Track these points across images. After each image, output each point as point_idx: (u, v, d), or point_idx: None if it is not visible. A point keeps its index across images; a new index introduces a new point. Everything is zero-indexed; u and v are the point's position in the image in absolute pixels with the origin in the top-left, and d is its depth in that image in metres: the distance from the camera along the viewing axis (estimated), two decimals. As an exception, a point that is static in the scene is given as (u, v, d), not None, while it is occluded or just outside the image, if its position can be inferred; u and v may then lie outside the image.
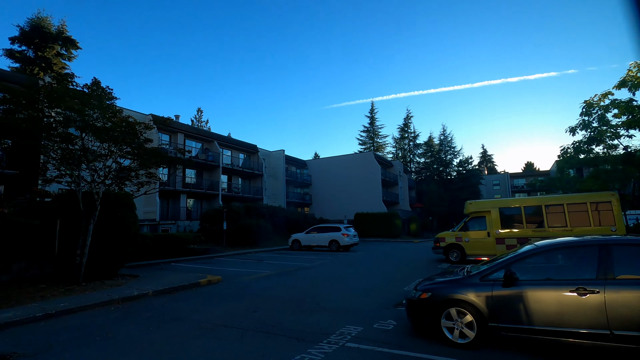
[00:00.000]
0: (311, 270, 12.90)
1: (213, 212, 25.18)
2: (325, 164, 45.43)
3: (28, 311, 6.66)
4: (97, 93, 10.00)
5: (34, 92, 9.43)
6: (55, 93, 8.70)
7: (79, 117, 8.89)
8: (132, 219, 9.87)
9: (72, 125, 8.92)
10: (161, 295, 8.58)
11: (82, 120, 8.83)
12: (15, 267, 8.77)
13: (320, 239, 21.16)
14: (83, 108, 8.64)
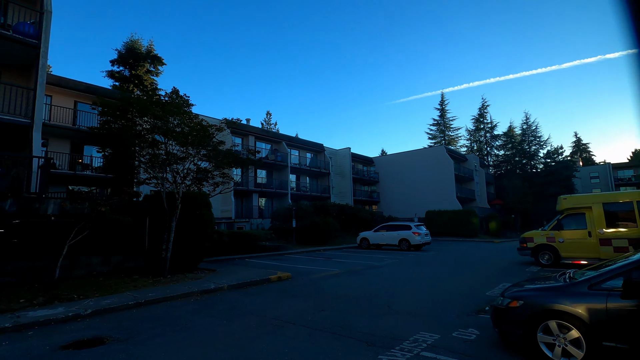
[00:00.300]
0: (381, 269, 12.44)
1: (283, 210, 26.03)
2: (393, 160, 44.09)
3: (123, 299, 7.41)
4: (177, 101, 10.87)
5: (126, 104, 10.55)
6: (141, 103, 9.63)
7: (160, 124, 9.73)
8: (208, 216, 10.52)
9: (156, 131, 9.81)
10: (235, 289, 8.94)
11: (164, 126, 9.65)
12: (114, 259, 9.92)
13: (390, 237, 20.46)
14: (164, 115, 9.44)
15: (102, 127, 10.69)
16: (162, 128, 9.99)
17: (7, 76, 11.79)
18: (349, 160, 39.62)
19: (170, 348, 4.82)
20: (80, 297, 7.54)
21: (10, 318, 6.12)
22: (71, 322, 6.23)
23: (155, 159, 9.83)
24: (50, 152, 19.83)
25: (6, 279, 8.11)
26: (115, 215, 8.21)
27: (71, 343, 5.12)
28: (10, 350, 4.87)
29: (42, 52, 10.89)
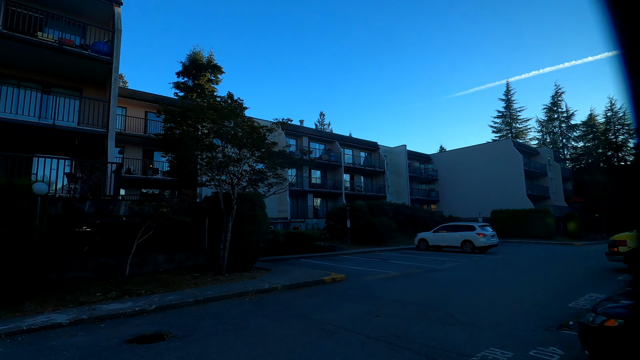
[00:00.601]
0: (441, 273, 11.61)
1: (337, 210, 25.86)
2: (453, 157, 41.60)
3: (183, 296, 7.74)
4: (232, 105, 11.22)
5: (185, 110, 11.13)
6: (198, 108, 10.08)
7: (217, 128, 10.10)
8: (262, 216, 10.69)
9: (213, 135, 10.20)
10: (289, 290, 8.91)
11: (220, 130, 10.00)
12: (178, 257, 10.52)
13: (451, 238, 19.20)
14: (219, 119, 9.77)
15: (165, 134, 11.42)
16: (218, 131, 10.36)
17: (87, 91, 13.17)
18: (404, 158, 38.25)
19: (223, 348, 4.82)
20: (147, 293, 8.04)
21: (87, 310, 6.68)
22: (137, 316, 6.62)
23: (212, 162, 10.23)
24: (126, 158, 21.88)
25: (87, 274, 8.97)
26: (175, 216, 8.66)
27: (135, 337, 5.39)
28: (83, 341, 5.25)
29: (114, 68, 11.96)
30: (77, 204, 8.95)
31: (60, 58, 11.60)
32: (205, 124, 10.95)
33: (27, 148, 11.86)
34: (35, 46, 10.77)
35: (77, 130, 11.10)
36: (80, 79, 13.05)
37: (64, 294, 7.67)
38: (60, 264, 8.68)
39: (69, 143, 11.91)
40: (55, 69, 12.36)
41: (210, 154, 10.78)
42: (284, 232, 18.96)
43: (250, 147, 10.60)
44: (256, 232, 10.46)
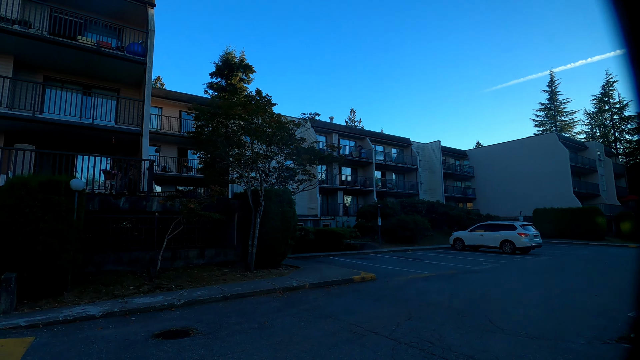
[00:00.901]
0: (479, 275, 10.92)
1: (368, 207, 25.39)
2: (491, 152, 39.57)
3: (212, 292, 7.74)
4: (260, 102, 11.17)
5: (215, 108, 11.21)
6: (226, 105, 10.09)
7: (245, 124, 10.07)
8: (290, 213, 10.56)
9: (240, 132, 10.19)
10: (317, 288, 8.70)
11: (248, 126, 9.97)
12: (208, 253, 10.64)
13: (489, 238, 18.16)
14: (246, 115, 9.73)
15: (196, 131, 11.58)
16: (247, 128, 10.34)
17: (124, 92, 13.69)
18: (438, 154, 36.91)
19: (247, 347, 4.68)
20: (177, 288, 8.14)
21: (119, 303, 6.83)
22: (166, 310, 6.68)
23: (240, 158, 10.21)
24: (162, 156, 22.71)
25: (123, 268, 9.26)
26: (204, 212, 8.71)
27: (162, 332, 5.39)
28: (113, 334, 5.32)
29: (147, 68, 12.30)
30: (112, 200, 9.25)
31: (98, 60, 12.09)
32: (234, 120, 10.99)
33: (70, 147, 12.50)
34: (75, 49, 11.27)
35: (114, 129, 11.53)
36: (118, 80, 13.57)
37: (100, 286, 7.92)
38: (98, 258, 9.02)
39: (106, 142, 12.41)
40: (95, 71, 12.92)
41: (238, 151, 10.79)
42: (313, 230, 18.83)
43: (279, 144, 10.49)
44: (284, 229, 10.35)
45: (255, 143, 10.69)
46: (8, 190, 6.90)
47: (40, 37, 10.69)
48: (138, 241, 9.70)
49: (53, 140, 12.40)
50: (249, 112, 9.71)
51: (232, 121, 11.16)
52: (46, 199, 7.07)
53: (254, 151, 10.66)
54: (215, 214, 9.08)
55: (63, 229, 7.18)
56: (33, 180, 7.09)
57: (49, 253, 6.94)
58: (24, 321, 5.74)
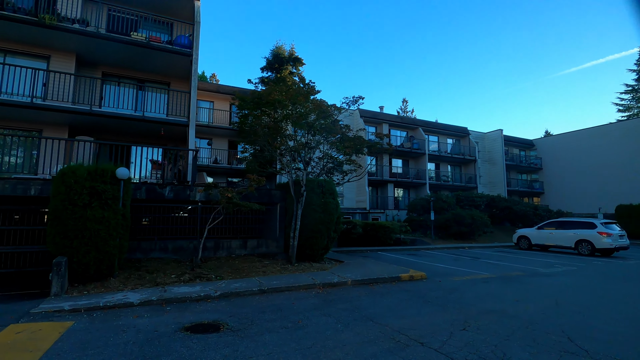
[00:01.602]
0: (550, 279, 9.46)
1: (420, 201, 24.00)
2: (562, 141, 35.27)
3: (250, 284, 7.47)
4: (304, 89, 10.70)
5: (257, 97, 10.97)
6: (266, 93, 9.74)
7: (286, 112, 9.65)
8: (333, 205, 9.99)
9: (284, 121, 9.79)
10: (359, 285, 8.06)
11: (288, 115, 9.54)
12: (250, 244, 10.50)
13: (562, 237, 16.00)
14: (285, 101, 9.28)
15: (240, 122, 11.45)
16: (288, 116, 9.92)
17: (174, 85, 14.06)
18: (500, 144, 33.81)
19: (273, 350, 4.22)
20: (216, 278, 8.01)
21: (159, 291, 6.81)
22: (202, 302, 6.51)
23: (279, 147, 9.83)
24: (214, 149, 23.44)
25: (168, 255, 9.42)
26: (242, 202, 8.47)
27: (193, 325, 5.16)
28: (146, 324, 5.20)
29: (194, 59, 12.43)
30: (158, 189, 9.41)
31: (149, 54, 12.47)
32: (275, 109, 10.65)
33: (126, 139, 13.15)
34: (127, 44, 11.69)
35: (163, 120, 11.83)
36: (168, 74, 13.97)
37: (145, 273, 8.06)
38: (145, 245, 9.26)
39: (157, 133, 12.83)
40: (147, 65, 13.39)
41: (279, 140, 10.43)
42: (361, 223, 18.12)
43: (322, 132, 9.93)
44: (326, 221, 9.81)
45: (298, 132, 10.26)
46: (59, 179, 7.19)
47: (96, 33, 11.23)
48: (182, 230, 9.82)
49: (111, 133, 13.13)
50: (289, 97, 9.26)
51: (273, 109, 10.84)
52: (93, 187, 7.27)
53: (296, 140, 10.24)
54: (254, 204, 8.83)
55: (109, 216, 7.34)
56: (81, 169, 7.32)
57: (96, 239, 7.13)
58: (68, 305, 5.88)
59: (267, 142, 10.40)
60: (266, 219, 11.01)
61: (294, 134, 10.67)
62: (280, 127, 9.65)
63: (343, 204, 27.74)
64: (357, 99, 9.76)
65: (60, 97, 11.33)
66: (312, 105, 9.39)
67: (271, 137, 10.06)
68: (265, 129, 10.41)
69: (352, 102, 9.90)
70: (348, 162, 10.91)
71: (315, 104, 9.44)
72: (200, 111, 23.54)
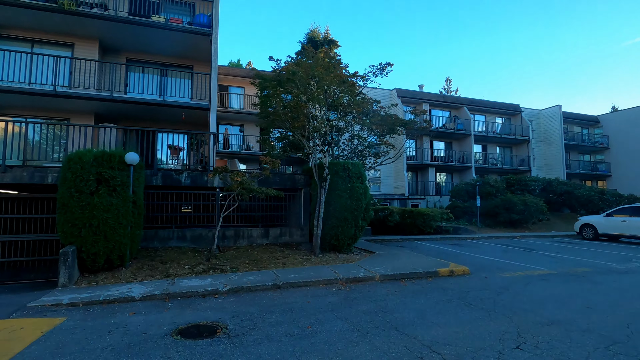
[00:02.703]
0: (630, 277, 7.76)
1: (464, 186, 22.07)
2: (633, 117, 30.62)
3: (264, 278, 6.74)
4: (328, 62, 9.65)
5: (277, 75, 10.09)
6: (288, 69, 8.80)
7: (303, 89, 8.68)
8: (361, 190, 8.93)
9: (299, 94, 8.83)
10: (389, 281, 7.02)
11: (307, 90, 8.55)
12: (272, 233, 9.81)
13: (637, 225, 13.64)
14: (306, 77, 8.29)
15: (260, 102, 10.68)
16: (305, 91, 8.93)
17: (197, 68, 13.58)
18: (558, 122, 30.24)
19: (268, 367, 3.40)
20: (231, 269, 7.40)
21: (166, 284, 6.29)
22: (209, 297, 5.88)
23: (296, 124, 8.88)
24: (246, 135, 23.16)
25: (186, 244, 8.99)
26: (257, 187, 7.70)
27: (188, 326, 4.51)
28: (138, 323, 4.63)
29: (213, 38, 11.78)
30: (175, 175, 8.96)
31: (170, 37, 12.04)
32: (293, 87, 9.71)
33: (152, 125, 12.96)
34: (145, 26, 11.30)
35: (183, 104, 11.39)
36: (191, 57, 13.51)
37: (158, 263, 7.65)
38: (163, 233, 8.89)
39: (180, 120, 12.47)
40: (170, 49, 13.00)
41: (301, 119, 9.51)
42: (398, 210, 16.87)
43: (346, 107, 8.84)
44: (354, 208, 8.80)
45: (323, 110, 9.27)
46: (66, 165, 6.87)
47: (113, 17, 10.93)
48: (201, 218, 9.34)
49: (137, 120, 12.99)
50: (306, 69, 8.24)
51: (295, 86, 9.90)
52: (100, 172, 6.87)
53: (318, 119, 9.27)
54: (271, 190, 8.04)
55: (117, 204, 6.94)
56: (88, 155, 6.94)
57: (104, 227, 6.77)
58: (68, 298, 5.51)
59: (288, 123, 9.53)
60: (290, 205, 10.24)
61: (317, 113, 9.70)
62: (301, 105, 8.70)
63: (380, 190, 26.41)
64: (385, 66, 8.49)
65: (85, 85, 11.28)
66: (333, 76, 8.30)
67: (292, 117, 9.17)
68: (287, 109, 9.53)
69: (380, 70, 8.65)
70: (380, 144, 9.74)
71: (336, 75, 8.34)
72: (231, 97, 23.27)
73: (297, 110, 8.86)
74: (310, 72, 8.29)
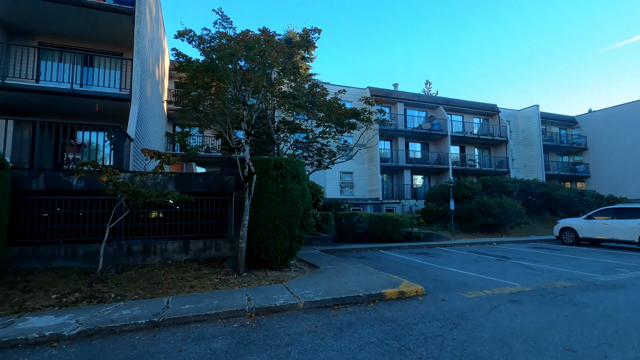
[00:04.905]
0: (618, 294, 6.33)
1: (439, 188, 20.75)
2: (611, 117, 30.11)
3: (144, 312, 4.99)
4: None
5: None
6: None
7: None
8: (297, 192, 7.27)
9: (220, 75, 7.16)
10: (316, 310, 5.38)
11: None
12: (193, 246, 8.04)
13: (621, 228, 12.45)
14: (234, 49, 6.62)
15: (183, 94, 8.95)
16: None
17: (127, 55, 11.79)
18: (536, 122, 29.49)
19: None
20: (115, 298, 5.63)
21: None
22: (43, 346, 4.11)
23: (216, 112, 7.23)
24: (206, 136, 21.33)
25: (77, 264, 7.15)
26: (142, 190, 5.97)
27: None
28: None
29: (136, 18, 10.08)
30: (63, 177, 7.14)
31: (91, 19, 10.35)
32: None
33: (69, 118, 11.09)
34: (54, 2, 9.49)
35: (98, 95, 9.59)
36: (119, 42, 11.73)
37: (18, 292, 5.77)
38: (45, 251, 7.03)
39: (104, 113, 10.66)
40: (93, 33, 11.26)
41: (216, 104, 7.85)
42: (367, 216, 15.35)
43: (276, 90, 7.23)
44: (287, 214, 7.15)
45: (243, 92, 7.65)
46: None
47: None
48: (99, 230, 7.51)
49: (54, 113, 11.13)
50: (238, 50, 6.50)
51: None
52: None
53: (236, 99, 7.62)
54: (174, 194, 6.30)
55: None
56: None
57: None
58: None
59: (201, 111, 7.87)
60: (218, 212, 8.52)
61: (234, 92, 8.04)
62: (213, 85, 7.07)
63: (353, 194, 24.89)
64: (309, 31, 6.90)
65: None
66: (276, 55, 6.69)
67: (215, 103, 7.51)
68: (212, 96, 7.87)
69: (310, 32, 6.95)
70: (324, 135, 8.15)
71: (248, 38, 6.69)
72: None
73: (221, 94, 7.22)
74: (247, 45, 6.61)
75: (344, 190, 24.76)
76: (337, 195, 23.66)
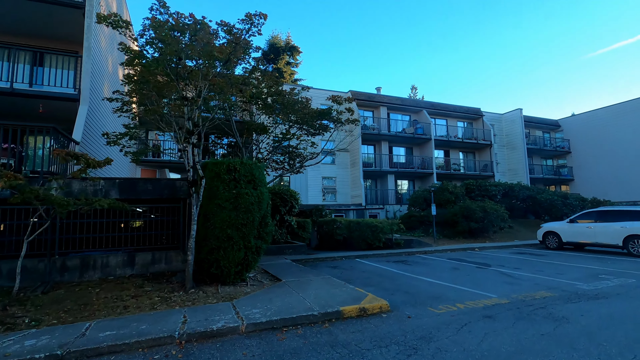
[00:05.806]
0: (601, 306, 5.76)
1: (422, 193, 20.23)
2: (594, 120, 30.24)
3: (52, 341, 4.21)
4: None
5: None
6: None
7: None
8: (252, 198, 6.58)
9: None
10: (260, 333, 4.66)
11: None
12: (140, 260, 7.26)
13: (605, 232, 12.04)
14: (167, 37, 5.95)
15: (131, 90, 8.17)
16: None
17: (82, 54, 11.03)
18: (520, 126, 29.43)
19: None
20: (29, 324, 4.82)
21: None
22: None
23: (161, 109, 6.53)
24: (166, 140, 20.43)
25: (2, 283, 6.29)
26: (52, 197, 5.21)
27: None
28: None
29: (87, 12, 9.34)
30: (-15, 184, 6.31)
31: (36, 11, 9.51)
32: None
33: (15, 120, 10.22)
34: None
35: (40, 94, 8.81)
36: (75, 40, 10.94)
37: None
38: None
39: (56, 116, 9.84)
40: (46, 30, 10.47)
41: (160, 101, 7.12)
42: (346, 222, 14.70)
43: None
44: (241, 222, 6.44)
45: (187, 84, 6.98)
46: None
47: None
48: (31, 244, 6.67)
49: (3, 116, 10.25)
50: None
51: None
52: None
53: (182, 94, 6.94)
54: (104, 201, 5.54)
55: None
56: None
57: None
58: None
59: (149, 109, 7.16)
60: (170, 222, 7.76)
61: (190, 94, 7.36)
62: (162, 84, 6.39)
63: (336, 199, 24.26)
64: (254, 16, 6.26)
65: None
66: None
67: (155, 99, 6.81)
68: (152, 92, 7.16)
69: (257, 15, 6.27)
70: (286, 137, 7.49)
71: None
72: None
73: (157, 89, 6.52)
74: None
75: (326, 196, 24.10)
76: (319, 201, 23.00)
